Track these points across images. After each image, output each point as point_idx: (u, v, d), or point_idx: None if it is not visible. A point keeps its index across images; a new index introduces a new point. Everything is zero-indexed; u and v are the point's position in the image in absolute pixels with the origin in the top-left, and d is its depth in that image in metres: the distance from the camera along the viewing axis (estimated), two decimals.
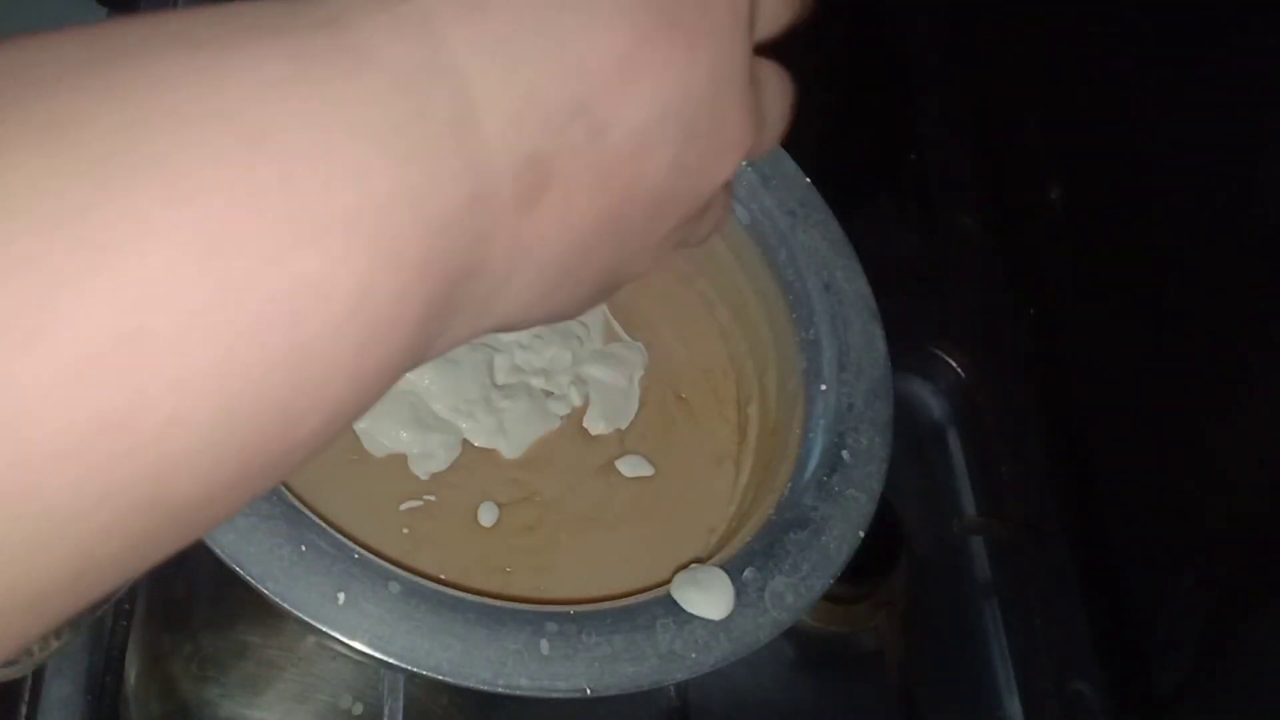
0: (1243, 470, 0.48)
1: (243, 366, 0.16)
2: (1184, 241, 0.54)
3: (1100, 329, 0.61)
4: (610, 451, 0.47)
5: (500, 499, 0.44)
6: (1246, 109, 0.49)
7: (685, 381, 0.50)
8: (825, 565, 0.40)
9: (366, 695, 0.48)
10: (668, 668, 0.36)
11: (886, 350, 0.46)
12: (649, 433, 0.48)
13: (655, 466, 0.47)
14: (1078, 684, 0.55)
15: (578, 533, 0.45)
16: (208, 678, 0.48)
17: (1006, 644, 0.57)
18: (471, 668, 0.35)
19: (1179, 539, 0.53)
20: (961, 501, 0.61)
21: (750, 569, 0.39)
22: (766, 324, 0.48)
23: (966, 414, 0.62)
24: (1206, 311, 0.52)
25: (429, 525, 0.42)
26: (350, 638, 0.34)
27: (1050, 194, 0.64)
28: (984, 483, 0.61)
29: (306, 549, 0.35)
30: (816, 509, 0.41)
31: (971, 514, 0.61)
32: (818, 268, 0.47)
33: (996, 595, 0.58)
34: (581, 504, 0.46)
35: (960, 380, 0.63)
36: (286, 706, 0.48)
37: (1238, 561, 0.48)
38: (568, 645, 0.36)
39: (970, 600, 0.59)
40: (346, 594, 0.35)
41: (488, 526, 0.43)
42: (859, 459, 0.43)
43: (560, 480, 0.46)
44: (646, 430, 0.48)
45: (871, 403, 0.44)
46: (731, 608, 0.38)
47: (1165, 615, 0.53)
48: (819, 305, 0.47)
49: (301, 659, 0.49)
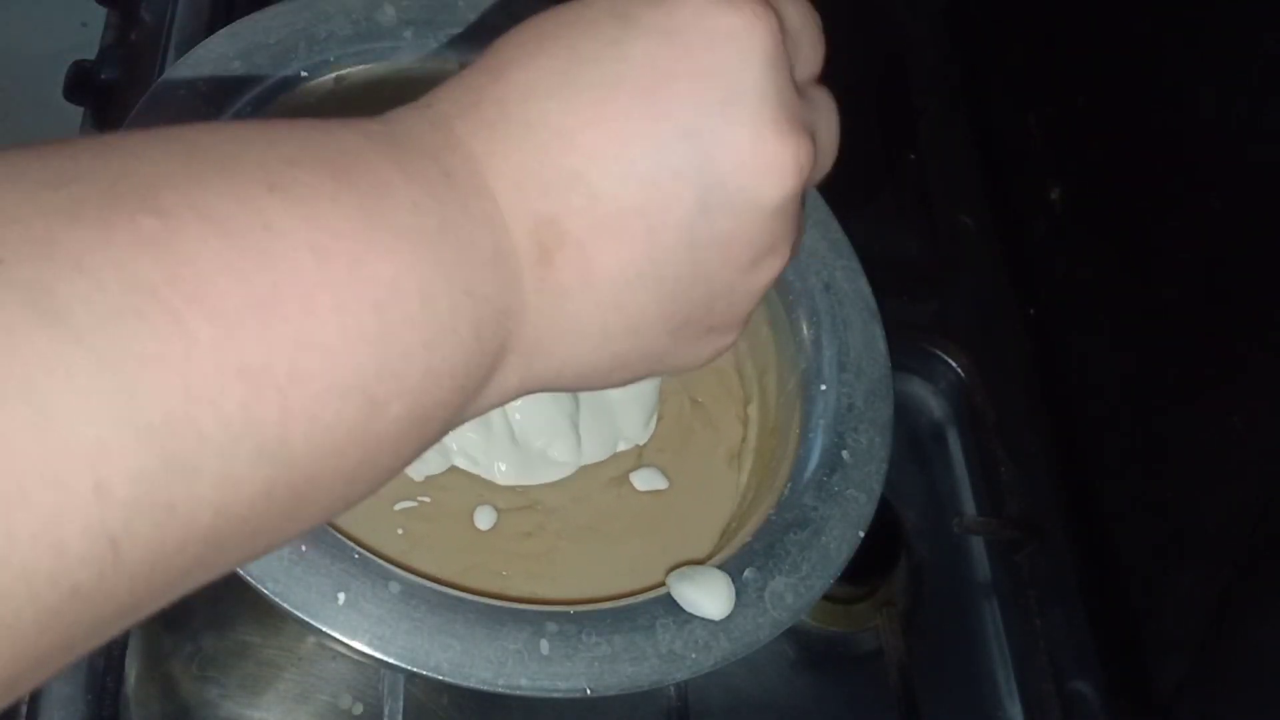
0: (1242, 470, 0.48)
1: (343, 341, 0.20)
2: (1184, 242, 0.54)
3: (1100, 329, 0.61)
4: (626, 464, 0.46)
5: (499, 504, 0.44)
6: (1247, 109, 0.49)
7: (699, 384, 0.50)
8: (825, 565, 0.40)
9: (366, 695, 0.48)
10: (668, 668, 0.36)
11: (886, 350, 0.46)
12: (667, 445, 0.48)
13: (670, 479, 0.46)
14: (1078, 684, 0.55)
15: (578, 541, 0.44)
16: (208, 678, 0.48)
17: (1006, 644, 0.57)
18: (471, 668, 0.35)
19: (1179, 539, 0.53)
20: (961, 501, 0.61)
21: (750, 569, 0.39)
22: (767, 324, 0.48)
23: (966, 414, 0.62)
24: (1206, 311, 0.52)
25: (424, 527, 0.42)
26: (350, 638, 0.34)
27: (1050, 194, 0.64)
28: (984, 483, 0.61)
29: (306, 549, 0.35)
30: (816, 509, 0.41)
31: (971, 514, 0.60)
32: (818, 268, 0.47)
33: (996, 595, 0.58)
34: (586, 514, 0.45)
35: (960, 380, 0.63)
36: (286, 706, 0.48)
37: (1238, 561, 0.48)
38: (568, 645, 0.36)
39: (970, 600, 0.59)
40: (346, 594, 0.35)
41: (484, 530, 0.43)
42: (859, 459, 0.43)
43: (565, 490, 0.45)
44: (665, 443, 0.48)
45: (871, 403, 0.44)
46: (731, 608, 0.38)
47: (1165, 615, 0.53)
48: (819, 305, 0.46)
49: (301, 659, 0.49)
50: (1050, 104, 0.67)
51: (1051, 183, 0.64)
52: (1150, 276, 0.56)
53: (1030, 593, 0.57)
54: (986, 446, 0.61)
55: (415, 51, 0.46)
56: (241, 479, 0.18)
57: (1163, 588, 0.54)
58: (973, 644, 0.57)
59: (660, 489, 0.46)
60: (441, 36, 0.47)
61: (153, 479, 0.17)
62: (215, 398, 0.18)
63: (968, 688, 0.56)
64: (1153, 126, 0.57)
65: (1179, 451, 0.53)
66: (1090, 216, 0.62)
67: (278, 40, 0.43)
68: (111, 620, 0.18)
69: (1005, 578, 0.58)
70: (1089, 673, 0.55)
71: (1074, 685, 0.55)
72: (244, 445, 0.18)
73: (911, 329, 0.62)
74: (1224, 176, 0.51)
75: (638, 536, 0.44)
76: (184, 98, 0.41)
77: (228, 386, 0.18)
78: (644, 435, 0.47)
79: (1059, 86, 0.66)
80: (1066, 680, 0.55)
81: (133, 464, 0.17)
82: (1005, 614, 0.58)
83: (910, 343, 0.62)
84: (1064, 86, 0.66)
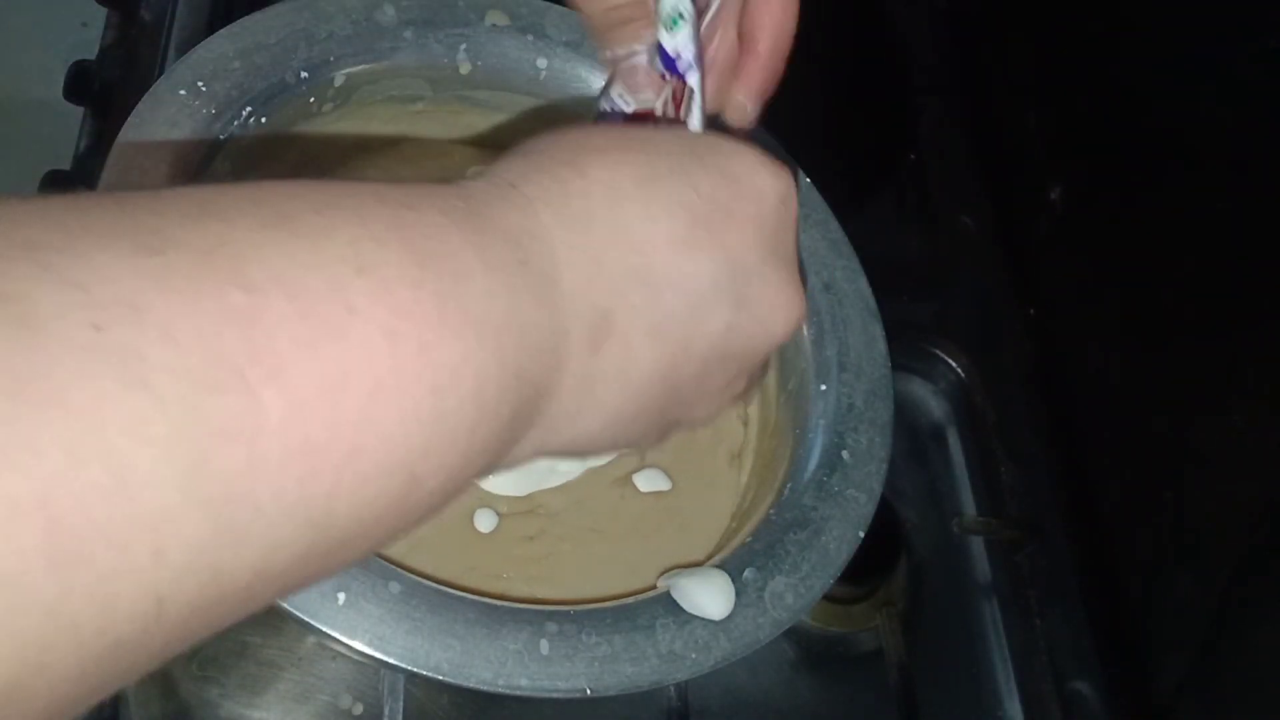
0: (1241, 470, 0.48)
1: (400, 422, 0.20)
2: (1184, 242, 0.54)
3: (1100, 329, 0.61)
4: (628, 465, 0.46)
5: (501, 509, 0.44)
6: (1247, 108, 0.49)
7: None
8: (825, 565, 0.40)
9: (366, 695, 0.48)
10: (668, 668, 0.36)
11: (886, 350, 0.46)
12: (669, 446, 0.47)
13: (673, 479, 0.46)
14: (1078, 684, 0.55)
15: (579, 544, 0.44)
16: (208, 678, 0.48)
17: (1006, 644, 0.57)
18: (471, 668, 0.35)
19: (1179, 539, 0.53)
20: (961, 501, 0.61)
21: (750, 569, 0.39)
22: None
23: (966, 414, 0.62)
24: (1206, 311, 0.52)
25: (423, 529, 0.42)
26: (350, 638, 0.34)
27: (1050, 194, 0.64)
28: (984, 483, 0.61)
29: None
30: (816, 509, 0.41)
31: (971, 514, 0.60)
32: (818, 268, 0.47)
33: (996, 595, 0.58)
34: (588, 516, 0.45)
35: (960, 380, 0.63)
36: (286, 706, 0.48)
37: (1238, 561, 0.48)
38: (568, 645, 0.36)
39: (970, 600, 0.59)
40: (346, 594, 0.35)
41: (485, 533, 0.43)
42: (859, 459, 0.43)
43: (567, 493, 0.45)
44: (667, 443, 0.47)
45: (871, 403, 0.44)
46: (731, 608, 0.38)
47: (1165, 615, 0.53)
48: (819, 305, 0.46)
49: (301, 659, 0.49)
50: (1050, 104, 0.67)
51: (1051, 183, 0.64)
52: (1150, 276, 0.56)
53: (1030, 593, 0.57)
54: (986, 446, 0.61)
55: (415, 51, 0.46)
56: (284, 545, 0.19)
57: (1163, 588, 0.54)
58: (973, 644, 0.57)
59: (663, 490, 0.46)
60: (441, 36, 0.47)
61: (204, 545, 0.17)
62: (275, 473, 0.18)
63: (968, 688, 0.56)
64: (1153, 126, 0.57)
65: (1179, 451, 0.53)
66: (1090, 216, 0.62)
67: (278, 40, 0.43)
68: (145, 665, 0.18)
69: (1005, 578, 0.58)
70: (1089, 673, 0.55)
71: (1074, 685, 0.55)
72: (292, 516, 0.19)
73: (911, 329, 0.62)
74: (1224, 176, 0.51)
75: (639, 538, 0.44)
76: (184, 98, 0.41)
77: (289, 463, 0.18)
78: None
79: (1059, 86, 0.66)
80: (1066, 680, 0.55)
81: (190, 533, 0.17)
82: (1005, 614, 0.58)
83: (910, 343, 0.62)
84: (1064, 86, 0.66)
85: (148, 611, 0.17)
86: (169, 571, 0.17)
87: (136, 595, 0.17)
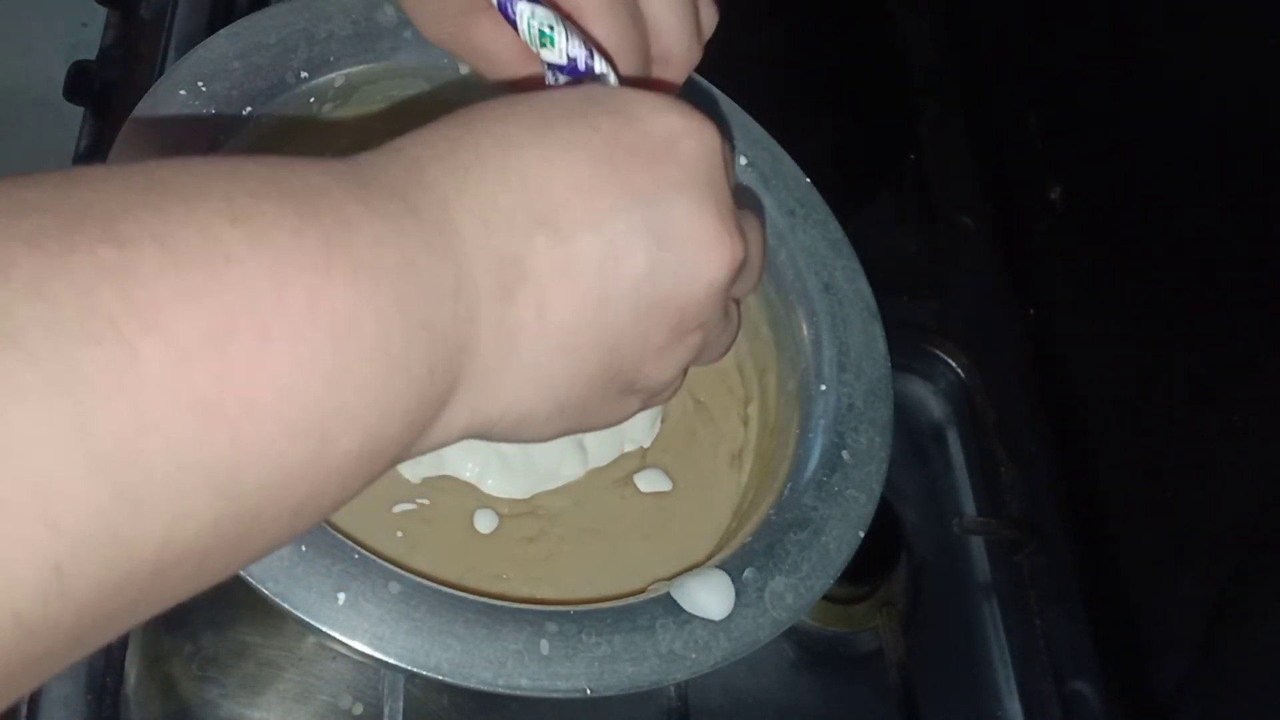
0: (1242, 470, 0.48)
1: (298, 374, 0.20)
2: (1184, 242, 0.54)
3: (1100, 329, 0.61)
4: (629, 466, 0.46)
5: (501, 510, 0.43)
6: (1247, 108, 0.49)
7: (700, 384, 0.50)
8: (825, 565, 0.40)
9: (366, 695, 0.48)
10: (668, 668, 0.36)
11: (886, 350, 0.46)
12: (670, 446, 0.47)
13: (673, 480, 0.46)
14: (1078, 684, 0.55)
15: (580, 544, 0.44)
16: (208, 678, 0.48)
17: (1006, 644, 0.57)
18: (471, 668, 0.35)
19: (1179, 539, 0.53)
20: (961, 501, 0.61)
21: (750, 569, 0.39)
22: (767, 324, 0.48)
23: (966, 414, 0.62)
24: (1206, 311, 0.52)
25: (423, 529, 0.42)
26: (350, 638, 0.34)
27: (1050, 194, 0.64)
28: (984, 483, 0.61)
29: (306, 549, 0.35)
30: (816, 509, 0.41)
31: (971, 514, 0.60)
32: (818, 268, 0.47)
33: (996, 595, 0.58)
34: (588, 517, 0.44)
35: (960, 380, 0.63)
36: (286, 706, 0.48)
37: (1238, 561, 0.48)
38: (568, 645, 0.36)
39: (970, 600, 0.59)
40: (346, 594, 0.35)
41: (485, 534, 0.43)
42: (859, 459, 0.43)
43: (568, 494, 0.45)
44: (668, 444, 0.47)
45: (871, 403, 0.44)
46: (731, 608, 0.38)
47: (1165, 615, 0.53)
48: (819, 305, 0.46)
49: (301, 659, 0.49)
50: (1050, 104, 0.67)
51: (1051, 183, 0.64)
52: (1150, 276, 0.56)
53: (1030, 593, 0.57)
54: (986, 447, 0.61)
55: (415, 51, 0.46)
56: (189, 511, 0.18)
57: (1163, 588, 0.54)
58: (973, 644, 0.57)
59: (664, 490, 0.46)
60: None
61: (100, 508, 0.17)
62: (166, 428, 0.18)
63: (968, 688, 0.56)
64: (1153, 126, 0.57)
65: (1179, 451, 0.53)
66: (1090, 216, 0.62)
67: (278, 40, 0.43)
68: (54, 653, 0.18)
69: (1005, 578, 0.58)
70: (1089, 673, 0.55)
71: (1074, 685, 0.55)
72: (194, 478, 0.18)
73: (911, 329, 0.62)
74: (1224, 176, 0.51)
75: (639, 539, 0.44)
76: (183, 99, 0.41)
77: (180, 417, 0.18)
78: (649, 437, 0.47)
79: (1059, 86, 0.66)
80: (1066, 680, 0.55)
81: (80, 492, 0.17)
82: (1005, 614, 0.58)
83: (910, 343, 0.62)
84: (1064, 86, 0.66)
85: (47, 584, 0.16)
86: (64, 536, 0.16)
87: (31, 563, 0.16)
